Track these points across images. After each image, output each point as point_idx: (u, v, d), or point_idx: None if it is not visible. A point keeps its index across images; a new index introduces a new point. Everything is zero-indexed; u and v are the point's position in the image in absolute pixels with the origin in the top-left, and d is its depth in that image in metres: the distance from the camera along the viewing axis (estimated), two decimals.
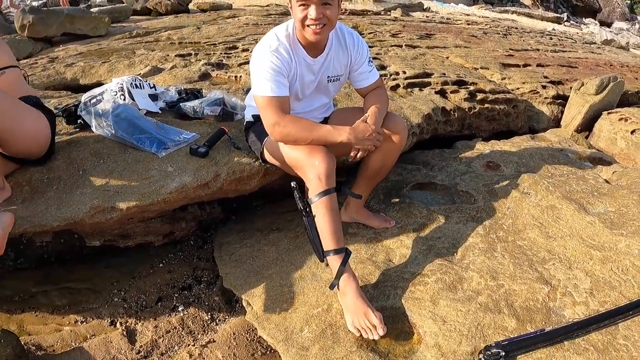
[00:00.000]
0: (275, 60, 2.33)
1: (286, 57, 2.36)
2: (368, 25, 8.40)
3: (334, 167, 2.27)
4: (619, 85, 4.83)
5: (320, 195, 2.20)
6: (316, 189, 2.21)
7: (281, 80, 2.33)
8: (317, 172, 2.21)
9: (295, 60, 2.41)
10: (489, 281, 2.24)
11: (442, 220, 2.75)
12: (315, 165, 2.22)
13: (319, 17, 2.22)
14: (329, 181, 2.22)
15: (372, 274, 2.40)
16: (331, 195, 2.22)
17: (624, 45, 13.21)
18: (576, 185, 2.89)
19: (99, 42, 6.94)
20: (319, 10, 2.21)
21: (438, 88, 4.30)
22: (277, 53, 2.34)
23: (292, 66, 2.40)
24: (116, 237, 2.85)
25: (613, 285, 2.20)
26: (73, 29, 7.63)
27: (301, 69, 2.46)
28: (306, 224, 2.24)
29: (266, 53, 2.34)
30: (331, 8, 2.24)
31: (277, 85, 2.32)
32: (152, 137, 2.81)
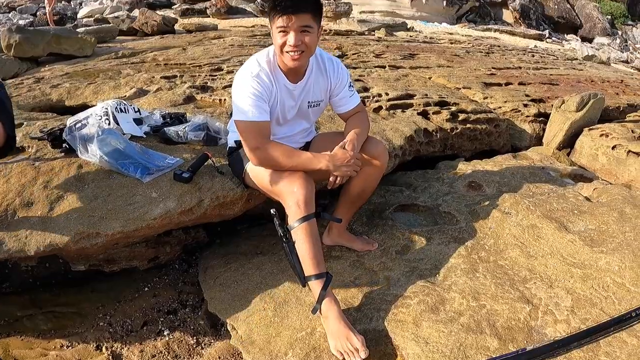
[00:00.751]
0: (257, 85, 2.36)
1: (267, 82, 2.40)
2: (352, 46, 8.46)
3: (313, 193, 2.30)
4: (600, 101, 4.89)
5: (299, 221, 2.23)
6: (295, 215, 2.24)
7: (262, 106, 2.37)
8: (296, 198, 2.24)
9: (275, 85, 2.45)
10: (471, 302, 2.26)
11: (425, 241, 2.79)
12: (294, 192, 2.25)
13: (298, 44, 2.26)
14: (308, 207, 2.25)
15: (355, 297, 2.41)
16: (311, 221, 2.25)
17: (605, 60, 13.36)
18: (557, 203, 2.94)
19: (85, 63, 6.94)
20: (298, 37, 2.25)
21: (420, 109, 4.34)
22: (258, 78, 2.37)
23: (272, 91, 2.44)
24: (101, 261, 2.85)
25: (594, 302, 2.23)
26: (59, 49, 7.62)
27: (282, 94, 2.49)
28: (286, 250, 2.26)
29: (247, 78, 2.38)
30: (310, 35, 2.28)
31: (258, 110, 2.35)
32: (136, 163, 2.82)
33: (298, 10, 2.20)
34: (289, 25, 2.22)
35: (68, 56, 7.61)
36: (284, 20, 2.21)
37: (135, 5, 20.37)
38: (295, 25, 2.22)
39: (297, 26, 2.23)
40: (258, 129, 2.36)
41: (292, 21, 2.21)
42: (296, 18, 2.21)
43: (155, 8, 19.83)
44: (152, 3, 22.05)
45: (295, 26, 2.22)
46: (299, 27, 2.23)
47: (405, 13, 20.52)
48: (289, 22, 2.22)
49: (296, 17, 2.20)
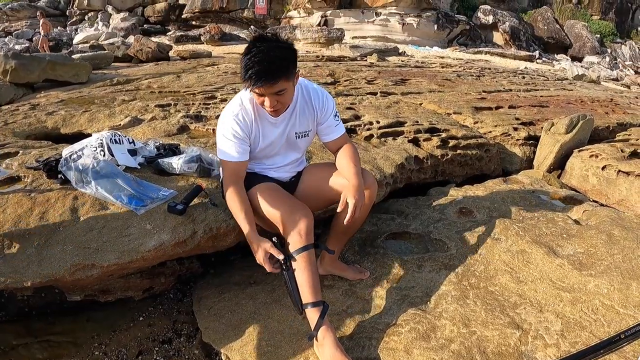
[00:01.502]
0: (235, 126, 2.48)
1: (247, 122, 2.51)
2: (344, 72, 8.54)
3: (312, 223, 2.37)
4: (589, 122, 4.96)
5: (300, 250, 2.29)
6: (297, 244, 2.30)
7: (240, 146, 2.50)
8: (297, 228, 2.31)
9: (257, 122, 2.54)
10: (462, 328, 2.29)
11: (416, 269, 2.81)
12: (296, 222, 2.32)
13: (274, 104, 2.36)
14: (309, 237, 2.32)
15: (347, 326, 2.43)
16: (310, 250, 2.31)
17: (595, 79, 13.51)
18: (546, 228, 2.98)
19: (81, 90, 6.99)
20: (274, 99, 2.34)
21: (411, 136, 4.40)
22: (237, 119, 2.49)
23: (252, 129, 2.54)
24: (96, 292, 2.86)
25: (583, 326, 2.26)
26: (55, 76, 7.73)
27: (265, 129, 2.57)
28: (286, 277, 2.30)
29: (228, 119, 2.51)
30: (286, 93, 2.36)
31: (236, 151, 2.50)
32: (130, 194, 2.84)
33: (269, 80, 2.26)
34: (264, 92, 2.31)
35: (64, 82, 7.72)
36: (259, 90, 2.29)
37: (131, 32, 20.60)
38: (270, 91, 2.30)
39: (271, 92, 2.31)
40: (232, 168, 2.52)
41: (266, 90, 2.29)
42: (270, 87, 2.28)
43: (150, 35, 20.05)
44: (147, 30, 22.33)
45: (270, 92, 2.31)
46: (274, 93, 2.32)
47: (397, 37, 20.74)
48: (262, 91, 2.30)
49: (269, 86, 2.28)
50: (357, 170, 2.52)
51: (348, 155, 2.62)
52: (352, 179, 2.46)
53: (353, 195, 2.39)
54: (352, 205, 2.37)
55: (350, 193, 2.40)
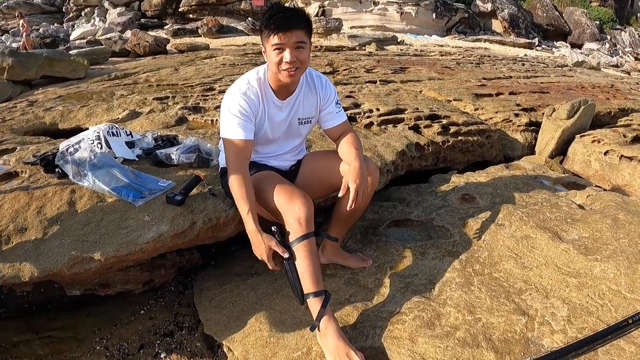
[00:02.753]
0: (243, 102, 2.41)
1: (254, 100, 2.45)
2: (343, 62, 8.49)
3: (312, 211, 2.31)
4: (590, 107, 4.92)
5: (300, 239, 2.24)
6: (296, 233, 2.25)
7: (246, 125, 2.42)
8: (297, 216, 2.25)
9: (264, 103, 2.49)
10: (467, 315, 2.25)
11: (419, 256, 2.78)
12: (296, 210, 2.26)
13: (293, 60, 2.29)
14: (309, 225, 2.26)
15: (350, 315, 2.40)
16: (310, 239, 2.26)
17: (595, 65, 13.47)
18: (550, 213, 2.94)
19: (78, 85, 6.99)
20: (293, 53, 2.28)
21: (412, 123, 4.36)
22: (245, 96, 2.42)
23: (259, 109, 2.48)
24: (96, 286, 2.83)
25: (590, 311, 2.22)
26: (52, 72, 7.76)
27: (270, 111, 2.52)
28: (286, 267, 2.27)
29: (235, 96, 2.43)
30: (304, 51, 2.33)
31: (242, 129, 2.41)
32: (128, 186, 2.82)
33: (292, 27, 2.25)
34: (284, 42, 2.27)
35: (61, 78, 7.74)
36: (279, 38, 2.26)
37: (128, 27, 20.52)
38: (291, 42, 2.27)
39: (292, 42, 2.27)
40: (238, 149, 2.41)
41: (287, 38, 2.26)
42: (291, 35, 2.25)
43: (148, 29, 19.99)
44: (144, 24, 22.24)
45: (291, 43, 2.27)
46: (294, 43, 2.28)
47: (395, 27, 20.68)
48: (284, 40, 2.26)
49: (291, 33, 2.25)
50: (359, 154, 2.48)
51: (350, 142, 2.58)
52: (354, 163, 2.42)
53: (354, 179, 2.36)
54: (354, 190, 2.34)
55: (352, 177, 2.37)
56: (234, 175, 2.38)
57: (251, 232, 2.35)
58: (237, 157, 2.41)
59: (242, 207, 2.36)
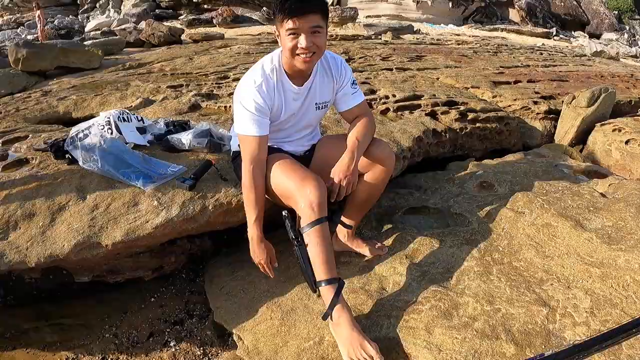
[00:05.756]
0: (258, 98, 2.33)
1: (270, 93, 2.37)
2: (359, 50, 8.43)
3: (325, 195, 2.24)
4: (611, 96, 4.81)
5: (312, 224, 2.16)
6: (308, 218, 2.17)
7: (261, 120, 2.35)
8: (309, 200, 2.17)
9: (279, 92, 2.41)
10: (485, 306, 2.17)
11: (436, 244, 2.69)
12: (307, 194, 2.18)
13: (310, 45, 2.20)
14: (321, 210, 2.18)
15: (364, 304, 2.33)
16: (323, 224, 2.19)
17: (613, 55, 13.29)
18: (571, 201, 2.83)
19: (92, 75, 7.03)
20: (309, 38, 2.20)
21: (428, 110, 4.27)
22: (259, 90, 2.34)
23: (274, 100, 2.40)
24: (105, 272, 2.80)
25: (614, 303, 2.12)
26: (67, 62, 7.76)
27: (287, 99, 2.44)
28: (298, 254, 2.21)
29: (250, 90, 2.35)
30: (320, 36, 2.23)
31: (257, 125, 2.34)
32: (138, 171, 2.78)
33: (308, 11, 2.16)
34: (300, 27, 2.17)
35: (76, 69, 7.75)
36: (294, 23, 2.16)
37: (142, 18, 20.54)
38: (306, 26, 2.18)
39: (308, 27, 2.18)
40: (253, 146, 2.34)
41: (303, 23, 2.17)
42: (306, 19, 2.16)
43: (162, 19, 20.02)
44: (159, 15, 22.26)
45: (306, 27, 2.18)
46: (310, 28, 2.19)
47: (411, 16, 20.56)
48: (299, 24, 2.17)
49: (306, 18, 2.16)
50: (356, 147, 2.39)
51: (357, 129, 2.48)
52: (344, 156, 2.37)
53: (337, 174, 2.31)
54: (335, 186, 2.31)
55: (336, 172, 2.33)
56: (247, 177, 2.34)
57: (254, 239, 2.35)
58: (252, 155, 2.34)
59: (250, 213, 2.35)
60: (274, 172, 2.37)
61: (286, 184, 2.30)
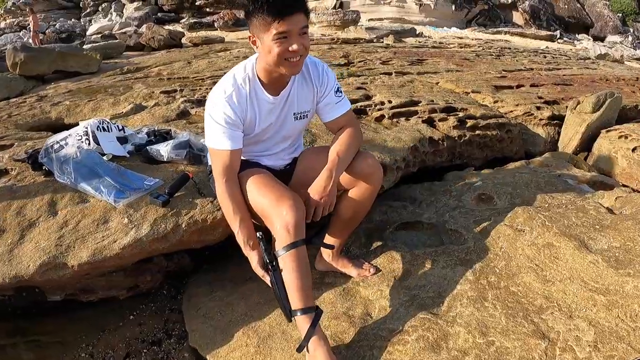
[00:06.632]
0: (228, 109, 2.17)
1: (241, 104, 2.20)
2: (359, 54, 8.31)
3: (303, 215, 2.07)
4: (617, 100, 4.64)
5: (287, 247, 2.00)
6: (283, 240, 2.01)
7: (233, 133, 2.18)
8: (284, 222, 2.00)
9: (253, 102, 2.24)
10: (478, 338, 1.97)
11: (428, 265, 2.50)
12: (283, 215, 2.01)
13: (300, 48, 2.04)
14: (298, 232, 2.01)
15: (346, 332, 2.16)
16: (300, 248, 2.01)
17: (618, 58, 13.17)
18: (575, 218, 2.62)
19: (90, 79, 7.02)
20: (300, 40, 2.03)
21: (425, 117, 4.09)
22: (229, 101, 2.17)
23: (247, 111, 2.23)
24: (77, 291, 2.67)
25: (620, 336, 1.91)
26: (65, 66, 7.87)
27: (262, 110, 2.26)
28: (272, 279, 2.04)
29: (220, 101, 2.18)
30: (307, 36, 2.08)
31: (229, 138, 2.18)
32: (110, 186, 2.62)
33: (296, 9, 1.99)
34: (290, 29, 2.00)
35: (74, 73, 7.86)
36: (285, 25, 1.98)
37: (144, 21, 20.57)
38: (297, 28, 2.01)
39: (298, 29, 2.02)
40: (224, 160, 2.19)
41: (292, 24, 1.99)
42: (296, 20, 2.00)
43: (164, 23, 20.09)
44: (161, 18, 22.32)
45: (297, 29, 2.01)
46: (300, 29, 2.02)
47: (414, 19, 20.48)
48: (289, 27, 1.99)
49: (295, 18, 1.99)
50: (335, 164, 2.21)
51: (339, 142, 2.30)
52: (320, 176, 2.20)
53: (314, 194, 2.15)
54: (311, 205, 2.15)
55: (312, 191, 2.17)
56: (222, 189, 2.19)
57: (245, 246, 2.18)
58: (223, 170, 2.19)
59: (233, 221, 2.19)
60: (249, 190, 2.20)
61: (261, 203, 2.14)
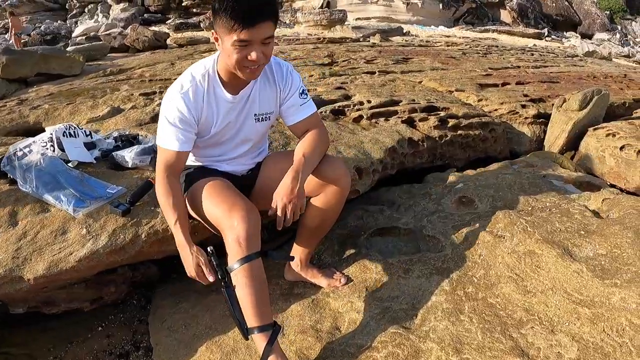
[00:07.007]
0: (182, 106, 2.05)
1: (197, 101, 2.09)
2: (344, 53, 8.23)
3: (258, 226, 1.94)
4: (604, 98, 4.56)
5: (240, 262, 1.87)
6: (235, 255, 1.88)
7: (184, 133, 2.08)
8: (235, 235, 1.88)
9: (211, 101, 2.12)
10: (451, 355, 1.84)
11: (402, 274, 2.37)
12: (234, 227, 1.89)
13: (260, 57, 1.92)
14: (250, 245, 1.88)
15: (312, 348, 2.04)
16: (254, 262, 1.89)
17: (606, 55, 13.21)
18: (559, 223, 2.49)
19: (72, 82, 6.94)
20: (260, 49, 1.91)
21: (405, 117, 3.97)
22: (185, 97, 2.06)
23: (203, 110, 2.11)
24: (40, 304, 2.53)
25: (606, 352, 1.79)
26: (47, 69, 7.79)
27: (219, 110, 2.14)
28: (225, 296, 1.91)
29: (175, 96, 2.07)
30: (270, 45, 1.95)
31: (177, 139, 2.08)
32: (70, 195, 2.50)
33: (261, 19, 1.85)
34: (251, 39, 1.87)
35: (57, 76, 7.75)
36: (247, 34, 1.85)
37: (131, 22, 20.46)
38: (259, 38, 1.88)
39: (260, 38, 1.89)
40: (170, 160, 2.10)
41: (255, 34, 1.86)
42: (259, 30, 1.86)
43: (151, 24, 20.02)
44: (147, 19, 22.24)
45: (259, 39, 1.89)
46: (262, 39, 1.89)
47: (402, 18, 20.49)
48: (251, 36, 1.86)
49: (259, 29, 1.86)
50: (301, 165, 2.08)
51: (304, 144, 2.18)
52: (286, 177, 2.05)
53: (281, 196, 2.00)
54: (280, 210, 1.99)
55: (278, 194, 2.02)
56: (161, 183, 2.07)
57: (180, 245, 2.02)
58: (166, 167, 2.09)
59: (169, 216, 2.05)
60: (203, 201, 2.09)
61: (214, 215, 2.02)
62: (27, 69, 7.53)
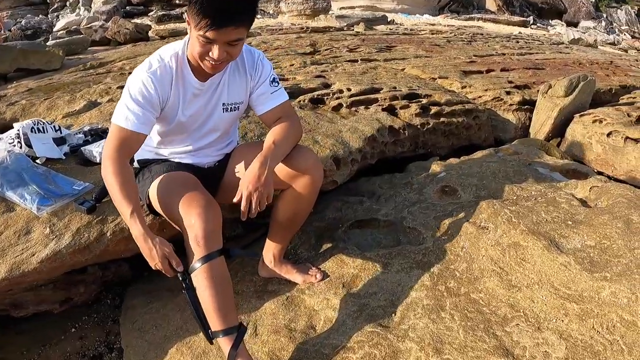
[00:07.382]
0: (149, 83, 1.93)
1: (164, 82, 1.97)
2: (326, 42, 8.11)
3: (218, 222, 1.84)
4: (590, 84, 4.51)
5: (200, 261, 1.77)
6: (194, 254, 1.78)
7: (144, 113, 1.93)
8: (193, 233, 1.78)
9: (178, 85, 2.01)
10: (432, 355, 1.75)
11: (381, 269, 2.27)
12: (192, 225, 1.79)
13: (222, 57, 1.83)
14: (209, 243, 1.78)
15: (284, 349, 1.95)
16: (214, 261, 1.79)
17: (591, 43, 13.24)
18: (545, 212, 2.40)
19: (51, 77, 6.72)
20: (224, 49, 1.82)
21: (386, 104, 3.87)
22: (153, 75, 1.94)
23: (170, 93, 2.00)
24: (8, 306, 2.45)
25: (596, 350, 1.70)
26: (27, 64, 7.58)
27: (186, 95, 2.04)
28: (187, 298, 1.81)
29: (142, 74, 1.95)
30: (238, 46, 1.86)
31: (136, 118, 1.91)
32: (35, 192, 2.41)
33: (230, 24, 1.76)
34: (217, 39, 1.79)
35: (36, 71, 7.56)
36: (212, 34, 1.77)
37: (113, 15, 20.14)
38: (224, 39, 1.80)
39: (226, 41, 1.80)
40: (123, 139, 1.91)
41: (221, 36, 1.78)
42: (226, 33, 1.78)
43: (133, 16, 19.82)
44: (130, 11, 21.97)
45: (224, 40, 1.80)
46: (228, 41, 1.81)
47: (386, 6, 20.40)
48: (217, 36, 1.78)
49: (226, 31, 1.77)
50: (270, 151, 1.98)
51: (274, 132, 2.08)
52: (253, 164, 1.94)
53: (246, 184, 1.89)
54: (245, 198, 1.88)
55: (244, 182, 1.91)
56: (112, 167, 1.87)
57: (138, 237, 1.83)
58: (118, 147, 1.90)
59: (124, 205, 1.83)
60: (164, 196, 1.98)
61: (173, 213, 1.91)
62: (6, 64, 7.33)
